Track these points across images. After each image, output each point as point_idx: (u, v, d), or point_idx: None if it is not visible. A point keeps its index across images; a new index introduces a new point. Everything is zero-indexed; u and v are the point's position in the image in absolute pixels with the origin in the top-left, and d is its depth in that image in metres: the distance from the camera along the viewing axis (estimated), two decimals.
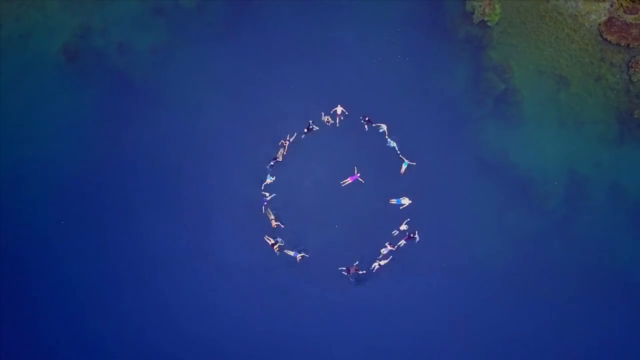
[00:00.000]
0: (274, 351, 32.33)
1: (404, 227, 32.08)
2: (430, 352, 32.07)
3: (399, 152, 32.56)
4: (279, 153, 32.74)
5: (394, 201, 32.41)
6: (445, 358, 32.07)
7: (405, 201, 32.34)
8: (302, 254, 31.99)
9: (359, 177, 32.51)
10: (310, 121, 32.84)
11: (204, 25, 34.57)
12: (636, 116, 32.73)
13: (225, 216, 33.06)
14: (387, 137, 32.74)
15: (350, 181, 32.63)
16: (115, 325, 32.79)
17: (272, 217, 32.35)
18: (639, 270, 31.99)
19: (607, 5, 33.04)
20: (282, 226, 32.30)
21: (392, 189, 32.57)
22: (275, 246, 32.09)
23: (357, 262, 31.92)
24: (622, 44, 32.82)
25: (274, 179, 32.59)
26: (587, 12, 33.28)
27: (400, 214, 32.34)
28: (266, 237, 32.28)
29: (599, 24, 33.11)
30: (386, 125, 32.72)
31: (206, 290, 32.75)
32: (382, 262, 31.84)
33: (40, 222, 33.50)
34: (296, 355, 32.36)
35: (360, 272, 31.92)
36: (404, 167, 32.47)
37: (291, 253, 32.11)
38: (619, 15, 32.87)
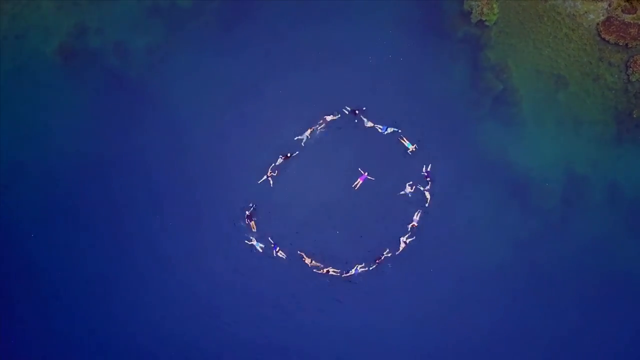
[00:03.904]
0: (273, 352, 32.42)
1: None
2: (430, 352, 32.08)
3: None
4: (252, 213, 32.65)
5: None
6: (443, 358, 32.09)
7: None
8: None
9: (368, 175, 32.55)
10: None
11: (201, 25, 34.50)
12: (634, 116, 32.71)
13: (223, 216, 33.03)
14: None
15: (361, 182, 32.65)
16: (110, 327, 32.83)
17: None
18: (636, 269, 32.04)
19: (605, 4, 32.99)
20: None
21: (393, 188, 32.64)
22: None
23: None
24: (621, 44, 32.80)
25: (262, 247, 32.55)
26: (585, 12, 33.23)
27: (408, 214, 32.54)
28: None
29: (597, 24, 33.07)
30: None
31: (204, 292, 32.72)
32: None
33: (36, 223, 33.38)
34: (295, 355, 32.38)
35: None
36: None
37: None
38: (617, 14, 32.82)
